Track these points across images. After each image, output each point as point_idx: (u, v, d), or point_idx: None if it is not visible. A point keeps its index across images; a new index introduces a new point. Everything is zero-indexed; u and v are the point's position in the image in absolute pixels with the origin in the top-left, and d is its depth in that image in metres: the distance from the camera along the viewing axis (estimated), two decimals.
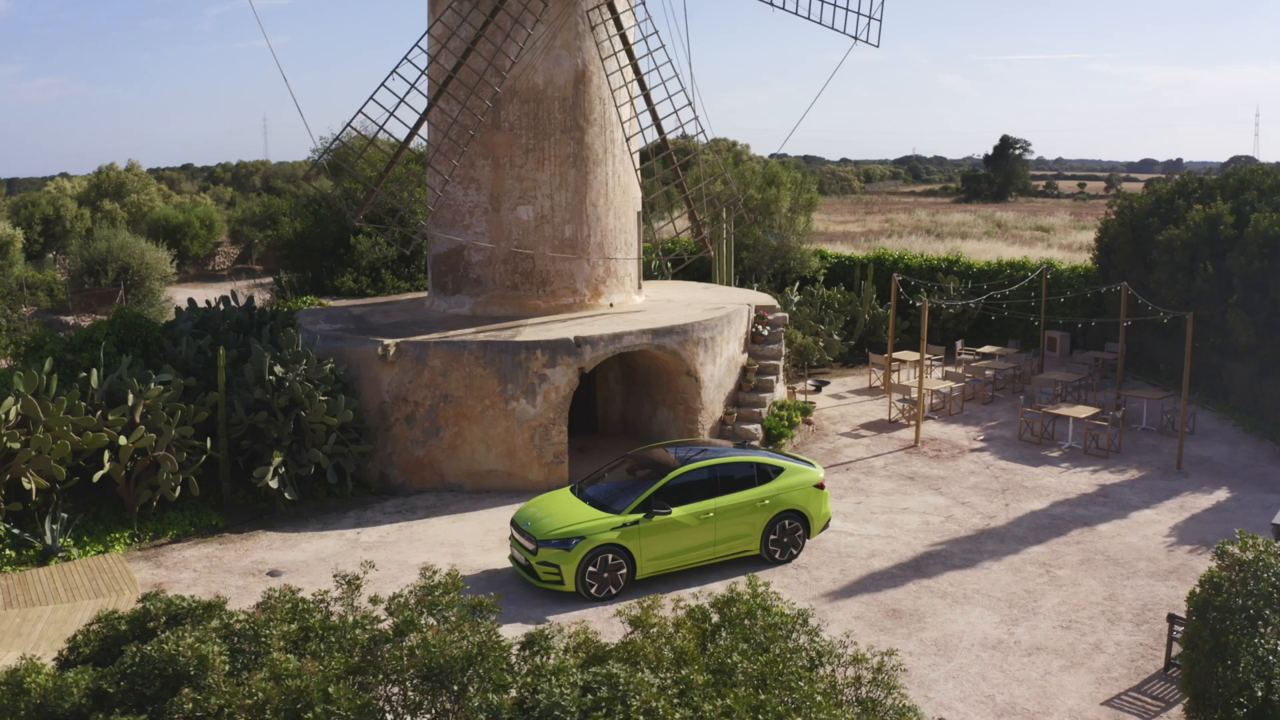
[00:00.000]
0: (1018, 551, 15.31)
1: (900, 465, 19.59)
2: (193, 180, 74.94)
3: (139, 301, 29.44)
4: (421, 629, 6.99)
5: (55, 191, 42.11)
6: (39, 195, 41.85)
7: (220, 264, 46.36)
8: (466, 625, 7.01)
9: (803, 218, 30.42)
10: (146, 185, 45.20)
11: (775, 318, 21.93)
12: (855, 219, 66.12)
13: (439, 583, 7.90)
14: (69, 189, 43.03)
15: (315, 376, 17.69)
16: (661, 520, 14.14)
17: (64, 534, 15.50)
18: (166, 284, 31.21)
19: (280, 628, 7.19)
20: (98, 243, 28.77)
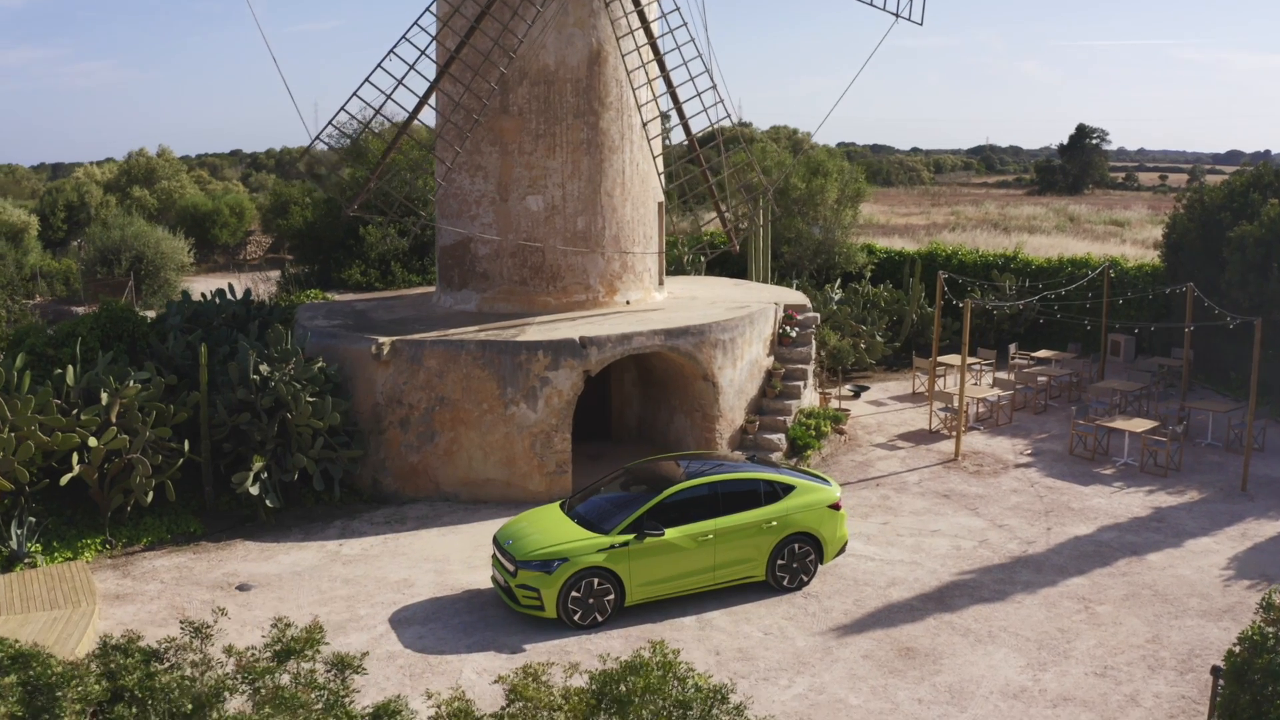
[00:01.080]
0: (1055, 583, 14.19)
1: (936, 481, 18.50)
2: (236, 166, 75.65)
3: (154, 292, 29.35)
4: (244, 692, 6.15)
5: (84, 178, 42.47)
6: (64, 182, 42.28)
7: (252, 253, 46.47)
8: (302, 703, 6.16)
9: (849, 210, 29.29)
10: (177, 172, 45.44)
11: (805, 318, 20.94)
12: (920, 211, 64.44)
13: (293, 637, 7.06)
14: (98, 175, 43.41)
15: (303, 376, 17.16)
16: (653, 542, 13.31)
17: (31, 539, 15.15)
18: (183, 274, 31.11)
19: (80, 688, 6.45)
20: (111, 231, 28.75)
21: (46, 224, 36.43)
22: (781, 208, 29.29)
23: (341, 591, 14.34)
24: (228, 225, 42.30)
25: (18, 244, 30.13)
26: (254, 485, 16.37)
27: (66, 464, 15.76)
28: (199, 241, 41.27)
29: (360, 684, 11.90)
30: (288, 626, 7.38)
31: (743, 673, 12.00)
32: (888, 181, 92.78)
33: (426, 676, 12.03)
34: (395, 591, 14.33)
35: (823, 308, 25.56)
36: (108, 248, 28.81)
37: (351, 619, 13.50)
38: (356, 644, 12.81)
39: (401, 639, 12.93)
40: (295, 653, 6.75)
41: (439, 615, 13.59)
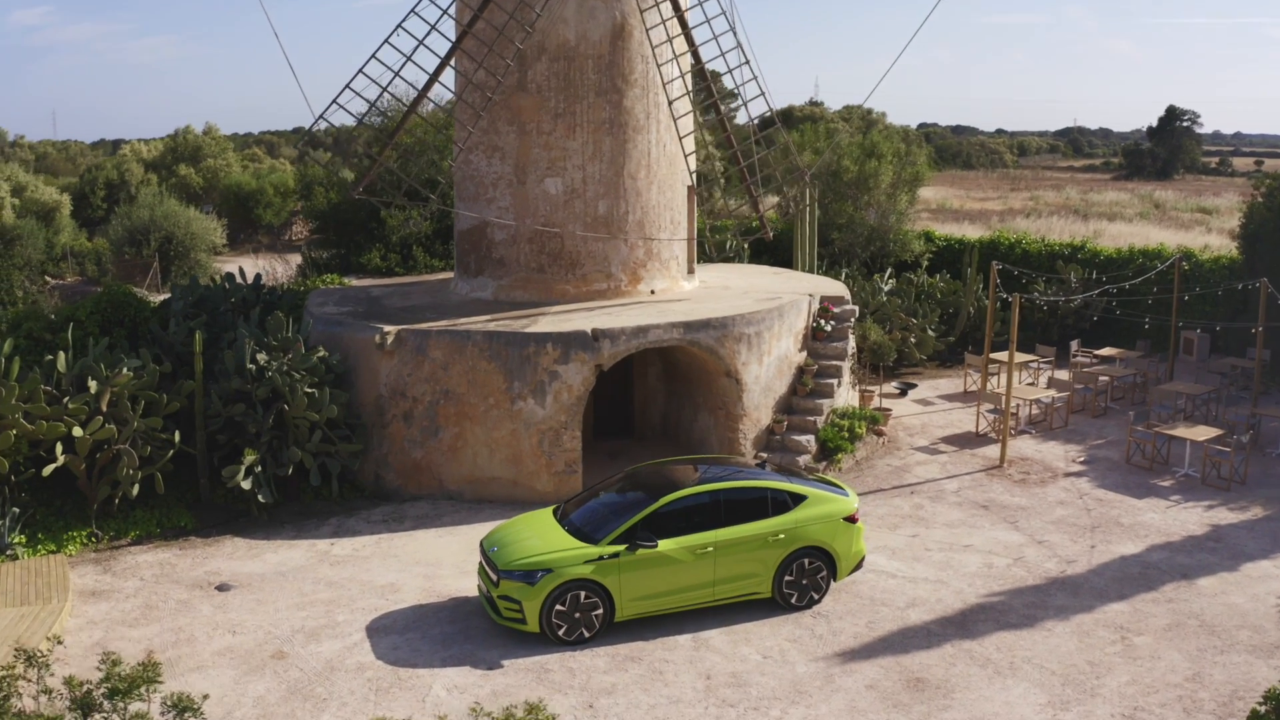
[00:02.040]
0: (1092, 609, 13.20)
1: (976, 490, 17.51)
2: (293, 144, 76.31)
3: (184, 274, 29.42)
4: None
5: (130, 155, 43.01)
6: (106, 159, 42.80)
7: (297, 234, 46.66)
8: None
9: (905, 195, 28.15)
10: (223, 150, 45.80)
11: (842, 310, 20.03)
12: (997, 196, 62.57)
13: (122, 675, 6.54)
14: (145, 153, 43.93)
15: (301, 366, 16.80)
16: (646, 554, 12.64)
17: (14, 530, 15.02)
18: (216, 255, 31.17)
19: None
20: (140, 210, 28.86)
21: (86, 203, 36.88)
22: (833, 192, 28.30)
23: (323, 595, 13.95)
24: (271, 205, 42.47)
25: (49, 223, 30.48)
26: (246, 480, 16.07)
27: (55, 454, 15.60)
28: (243, 221, 41.49)
29: (324, 696, 11.50)
30: (116, 663, 6.80)
31: (731, 700, 11.29)
32: (968, 164, 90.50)
33: (393, 692, 11.55)
34: (379, 597, 13.89)
35: (871, 299, 24.59)
36: (136, 228, 28.94)
37: (327, 625, 13.08)
38: (328, 653, 12.39)
39: (375, 649, 12.47)
40: (122, 692, 6.18)
41: (420, 624, 13.11)
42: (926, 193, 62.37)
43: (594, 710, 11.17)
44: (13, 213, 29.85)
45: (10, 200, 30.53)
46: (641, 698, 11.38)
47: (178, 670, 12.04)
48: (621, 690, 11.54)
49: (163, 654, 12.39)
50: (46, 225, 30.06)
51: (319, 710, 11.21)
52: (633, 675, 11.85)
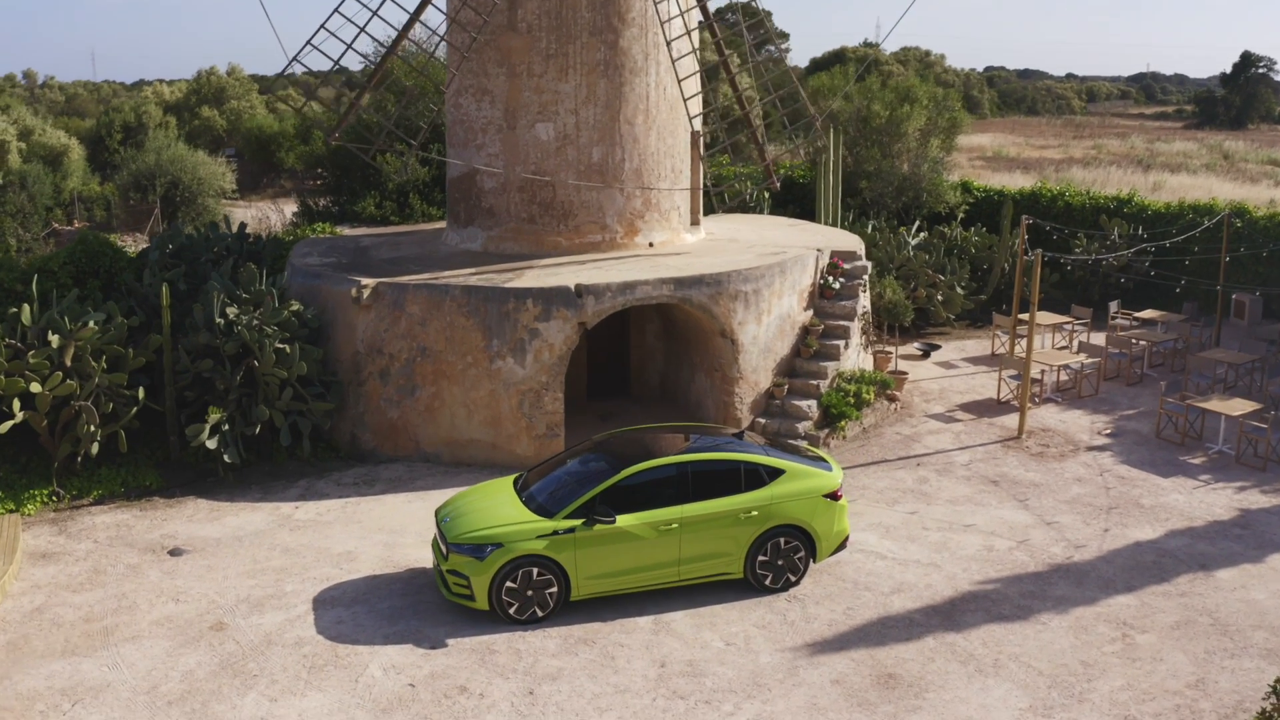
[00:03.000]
0: (1094, 602, 12.30)
1: (988, 464, 16.58)
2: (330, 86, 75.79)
3: (193, 219, 29.09)
4: None
5: (152, 96, 42.78)
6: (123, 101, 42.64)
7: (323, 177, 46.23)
8: None
9: (937, 141, 26.84)
10: (248, 91, 45.40)
11: (853, 267, 19.04)
12: (1058, 144, 60.39)
13: None
14: (167, 94, 43.67)
15: (272, 320, 16.27)
16: (604, 530, 11.97)
17: None
18: (223, 199, 30.78)
19: None
20: (146, 155, 28.51)
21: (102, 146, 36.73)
22: (862, 139, 27.10)
23: (276, 562, 13.50)
24: (294, 149, 42.01)
25: (56, 167, 30.29)
26: (212, 439, 15.63)
27: (30, 407, 15.24)
28: (265, 165, 41.11)
29: (255, 672, 11.05)
30: None
31: (683, 692, 10.63)
32: (1032, 110, 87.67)
33: (327, 671, 11.05)
34: (333, 565, 13.41)
35: (896, 253, 23.52)
36: (142, 173, 28.63)
37: (275, 595, 12.63)
38: (269, 625, 11.94)
39: (318, 623, 11.98)
40: None
41: (369, 596, 12.60)
42: (982, 139, 60.48)
43: (533, 698, 10.58)
44: (19, 156, 29.77)
45: (17, 144, 30.40)
46: (587, 685, 10.77)
47: (113, 640, 11.66)
48: (567, 676, 10.94)
49: (101, 621, 12.03)
50: (54, 170, 29.90)
51: (246, 688, 10.75)
52: (582, 660, 11.24)
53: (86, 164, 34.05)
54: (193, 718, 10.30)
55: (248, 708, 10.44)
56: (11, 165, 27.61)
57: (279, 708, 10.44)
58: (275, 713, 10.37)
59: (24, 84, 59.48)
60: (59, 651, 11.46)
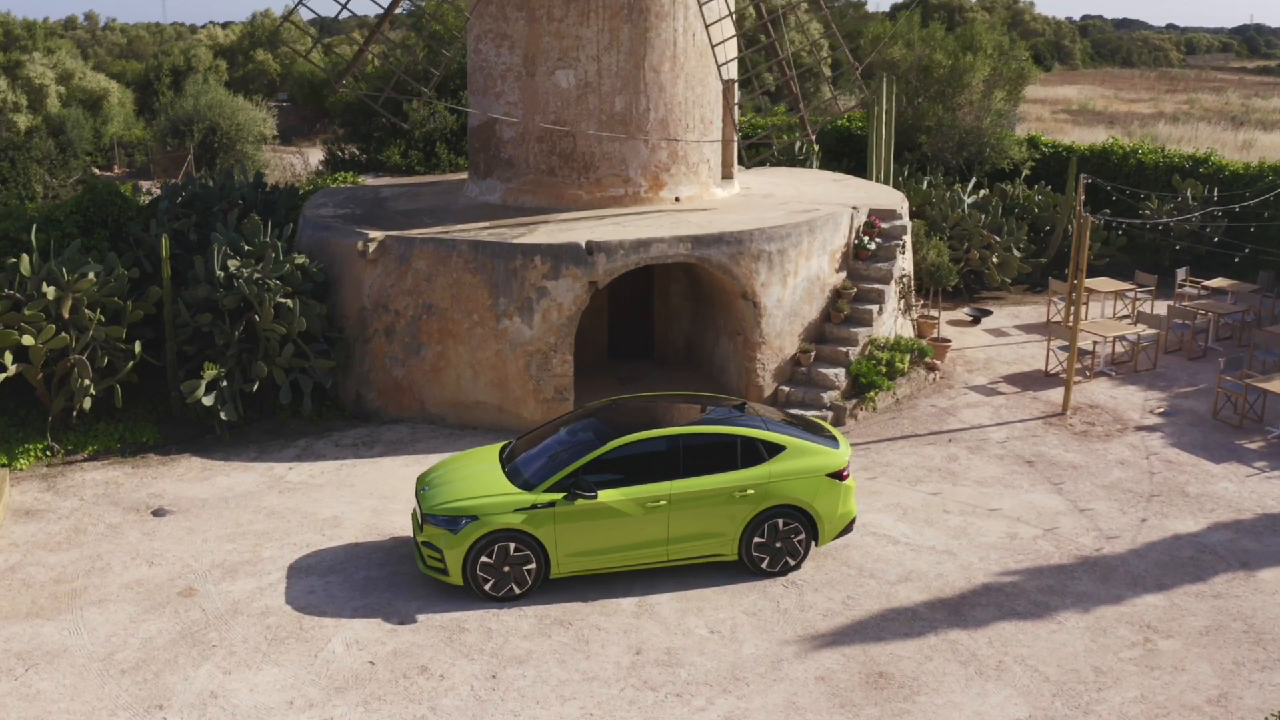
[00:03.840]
0: (1119, 600, 11.44)
1: (1026, 441, 15.66)
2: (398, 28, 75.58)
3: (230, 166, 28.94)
4: None
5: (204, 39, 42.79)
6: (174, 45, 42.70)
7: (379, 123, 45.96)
8: None
9: (1001, 93, 25.48)
10: (304, 35, 45.13)
11: (891, 226, 18.09)
12: (1149, 98, 57.76)
13: None
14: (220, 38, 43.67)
15: (274, 274, 15.92)
16: (586, 505, 11.42)
17: None
18: (263, 146, 30.61)
19: None
20: (185, 100, 28.43)
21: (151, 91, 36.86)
22: (923, 90, 25.88)
23: (259, 526, 13.22)
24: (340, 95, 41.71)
25: (96, 112, 30.39)
26: (208, 395, 15.40)
27: (23, 361, 15.14)
28: (318, 111, 40.96)
29: (214, 643, 10.77)
30: None
31: (654, 683, 10.09)
32: (1127, 62, 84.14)
33: (288, 644, 10.73)
34: (316, 531, 13.10)
35: (949, 211, 22.44)
36: (180, 118, 28.55)
37: (251, 561, 12.35)
38: (239, 593, 11.66)
39: (288, 592, 11.67)
40: None
41: (347, 565, 12.26)
42: (1068, 91, 58.12)
43: (495, 682, 10.13)
44: (58, 101, 29.92)
45: (56, 88, 30.52)
46: (554, 670, 10.29)
47: (79, 603, 11.49)
48: (536, 660, 10.46)
49: (71, 583, 11.87)
50: (94, 115, 30.00)
51: (203, 659, 10.48)
52: (555, 642, 10.75)
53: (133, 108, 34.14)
54: (142, 688, 10.05)
55: (200, 679, 10.16)
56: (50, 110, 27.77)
57: (231, 681, 10.14)
58: (226, 686, 10.08)
59: (85, 25, 60.18)
60: (24, 613, 11.31)
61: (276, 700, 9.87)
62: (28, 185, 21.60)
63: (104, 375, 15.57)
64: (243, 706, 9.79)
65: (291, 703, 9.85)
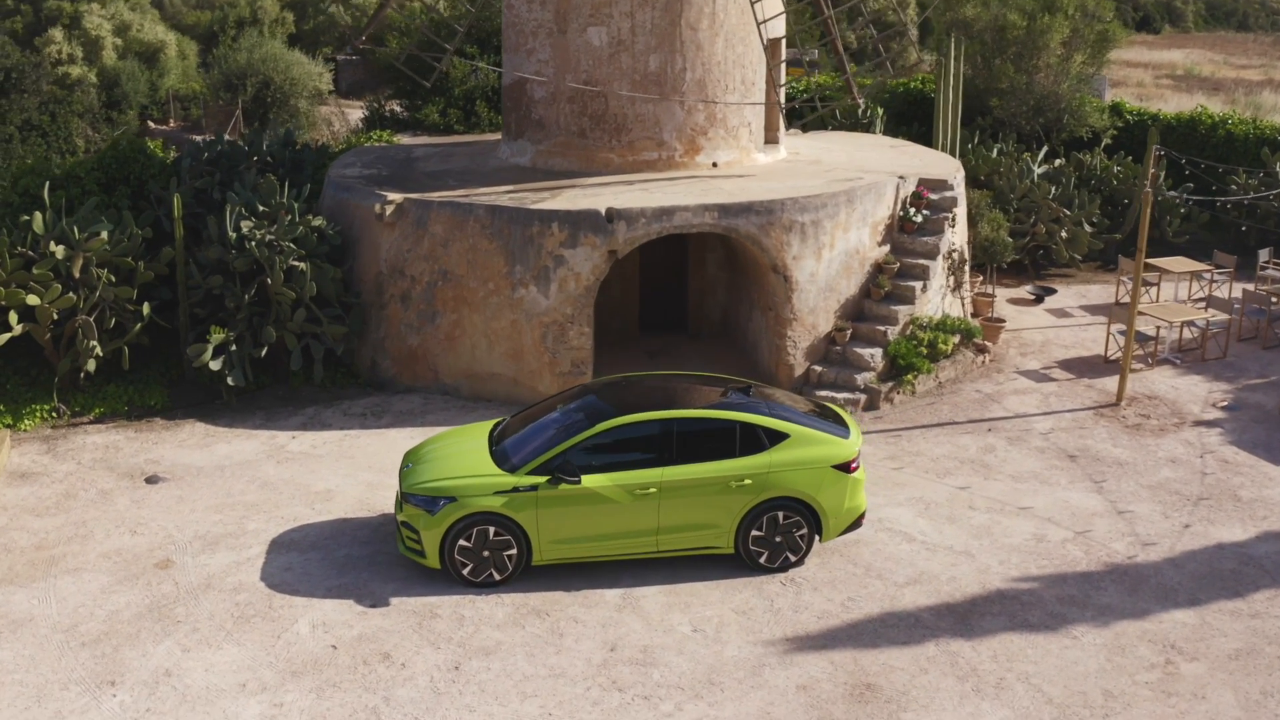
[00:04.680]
0: (1144, 615, 10.64)
1: (1072, 434, 14.78)
2: None
3: (285, 122, 29.02)
4: None
5: None
6: None
7: None
8: None
9: (1081, 57, 24.11)
10: None
11: (940, 198, 17.19)
12: (1262, 64, 54.87)
13: None
14: None
15: (287, 236, 15.72)
16: (570, 490, 10.98)
17: None
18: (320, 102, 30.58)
19: None
20: (238, 53, 28.51)
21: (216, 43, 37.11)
22: (998, 51, 24.64)
23: (250, 496, 13.07)
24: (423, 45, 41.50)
25: (153, 65, 30.67)
26: (216, 360, 15.29)
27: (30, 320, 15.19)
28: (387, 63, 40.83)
29: (179, 619, 10.61)
30: None
31: (623, 683, 9.65)
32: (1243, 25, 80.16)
33: (254, 623, 10.53)
34: (307, 504, 12.90)
35: (1017, 181, 21.37)
36: (233, 72, 28.63)
37: (234, 534, 12.19)
38: (217, 565, 11.51)
39: (265, 568, 11.48)
40: None
41: (330, 542, 12.03)
42: (1174, 55, 55.51)
43: (457, 673, 9.80)
44: (115, 53, 30.24)
45: (113, 40, 30.87)
46: (520, 664, 9.91)
47: (55, 570, 11.45)
48: (504, 652, 10.10)
49: (51, 550, 11.85)
50: (151, 67, 30.30)
51: (165, 635, 10.34)
52: (528, 634, 10.37)
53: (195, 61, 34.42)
54: (100, 662, 9.94)
55: (157, 656, 10.01)
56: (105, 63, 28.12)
57: (188, 659, 9.98)
58: (183, 664, 9.91)
59: None
60: None
61: (230, 682, 9.67)
62: (69, 139, 21.82)
63: (113, 337, 15.56)
64: (194, 687, 9.61)
65: (244, 685, 9.64)
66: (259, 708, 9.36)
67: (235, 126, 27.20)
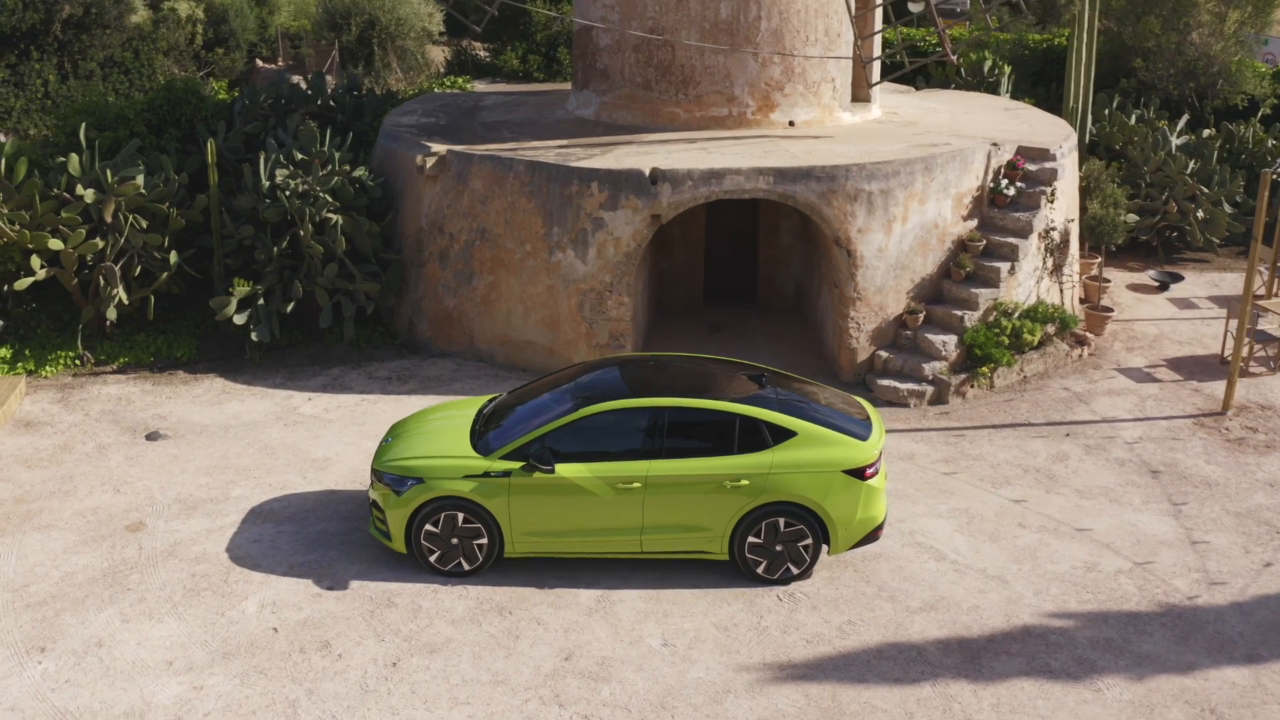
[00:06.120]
0: (1189, 670, 9.36)
1: (1161, 445, 13.32)
2: None
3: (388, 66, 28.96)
4: None
5: None
6: None
7: None
8: None
9: (1237, 14, 21.83)
10: None
11: (1040, 169, 15.72)
12: None
13: None
14: None
15: (323, 187, 15.45)
16: (545, 479, 10.33)
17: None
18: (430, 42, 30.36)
19: None
20: None
21: None
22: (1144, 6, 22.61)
23: (245, 460, 12.88)
24: None
25: (263, 2, 31.00)
26: (241, 313, 15.18)
27: (56, 265, 15.39)
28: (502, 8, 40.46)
29: (130, 587, 10.44)
30: None
31: (566, 699, 8.99)
32: None
33: (202, 597, 10.28)
34: (300, 472, 12.63)
35: (1150, 154, 19.57)
36: (337, 10, 28.59)
37: (217, 499, 12.00)
38: (187, 532, 11.33)
39: (234, 539, 11.24)
40: None
41: (309, 514, 11.71)
42: None
43: (394, 670, 9.32)
44: None
45: None
46: (463, 667, 9.36)
47: (28, 526, 11.46)
48: (451, 650, 9.57)
49: (30, 504, 11.88)
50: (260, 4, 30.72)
51: (110, 602, 10.18)
52: (482, 633, 9.81)
53: None
54: (37, 626, 9.84)
55: (96, 625, 9.85)
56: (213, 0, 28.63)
57: (125, 630, 9.78)
58: (118, 636, 9.72)
59: None
60: None
61: (158, 659, 9.43)
62: (152, 77, 22.16)
63: (141, 285, 15.60)
64: (120, 661, 9.40)
65: (171, 663, 9.37)
66: (177, 689, 9.08)
67: (331, 67, 27.22)
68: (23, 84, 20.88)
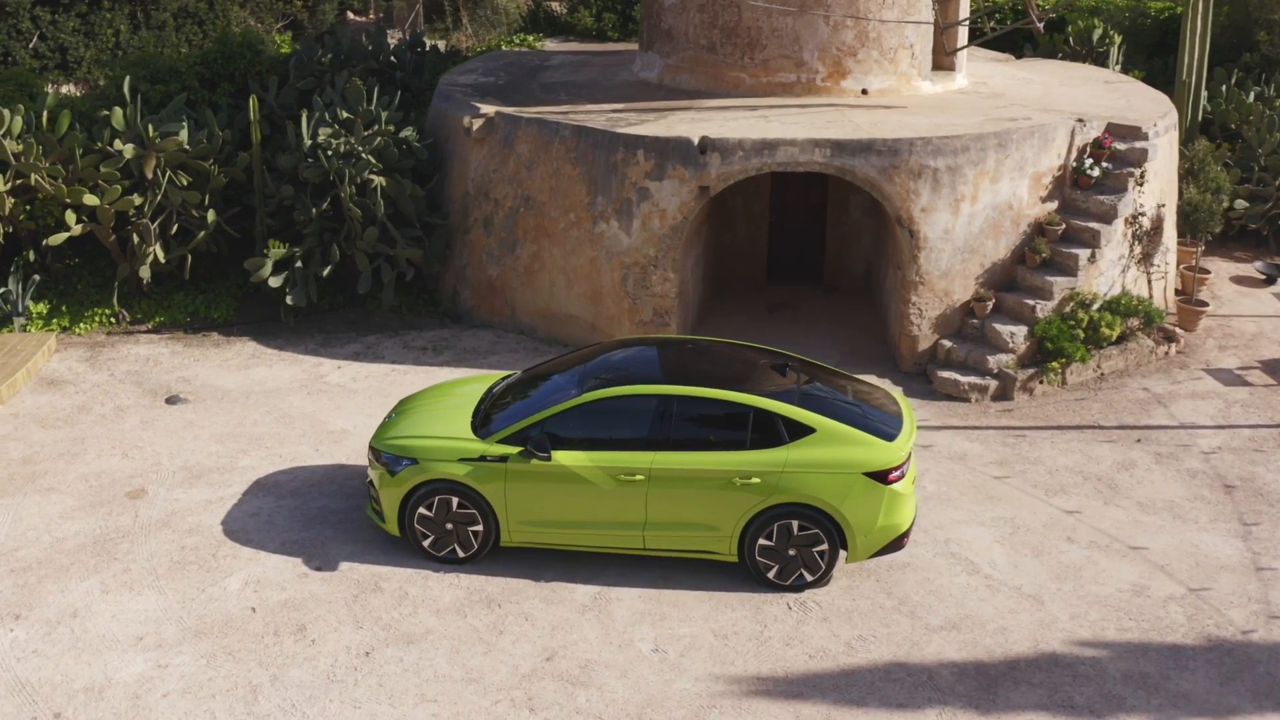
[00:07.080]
0: (1229, 714, 8.51)
1: (1240, 457, 12.32)
2: None
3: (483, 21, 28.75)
4: None
5: None
6: None
7: None
8: None
9: None
10: None
11: (1129, 149, 14.67)
12: None
13: None
14: None
15: (366, 148, 15.24)
16: (542, 467, 9.93)
17: (27, 297, 15.23)
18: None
19: None
20: None
21: None
22: None
23: (260, 429, 12.79)
24: None
25: None
26: (276, 276, 15.10)
27: (94, 220, 15.49)
28: None
29: (118, 557, 10.37)
30: None
31: (540, 703, 8.62)
32: None
33: (187, 571, 10.18)
34: (314, 444, 12.48)
35: (1262, 135, 18.23)
36: None
37: (222, 469, 11.92)
38: (186, 502, 11.27)
39: (232, 511, 11.13)
40: None
41: (313, 490, 11.54)
42: None
43: (366, 661, 9.07)
44: None
45: None
46: (438, 661, 9.06)
47: (30, 488, 11.53)
48: (429, 643, 9.28)
49: (37, 465, 11.96)
50: None
51: (93, 572, 10.15)
52: (466, 625, 9.50)
53: None
54: (17, 593, 9.85)
55: (75, 594, 9.82)
56: None
57: (101, 602, 9.72)
58: (94, 607, 9.67)
59: None
60: None
61: (128, 634, 9.34)
62: (227, 28, 22.28)
63: (180, 243, 15.62)
64: (90, 633, 9.33)
65: (141, 639, 9.27)
66: (141, 666, 8.96)
67: (413, 21, 27.12)
68: (93, 34, 21.13)
